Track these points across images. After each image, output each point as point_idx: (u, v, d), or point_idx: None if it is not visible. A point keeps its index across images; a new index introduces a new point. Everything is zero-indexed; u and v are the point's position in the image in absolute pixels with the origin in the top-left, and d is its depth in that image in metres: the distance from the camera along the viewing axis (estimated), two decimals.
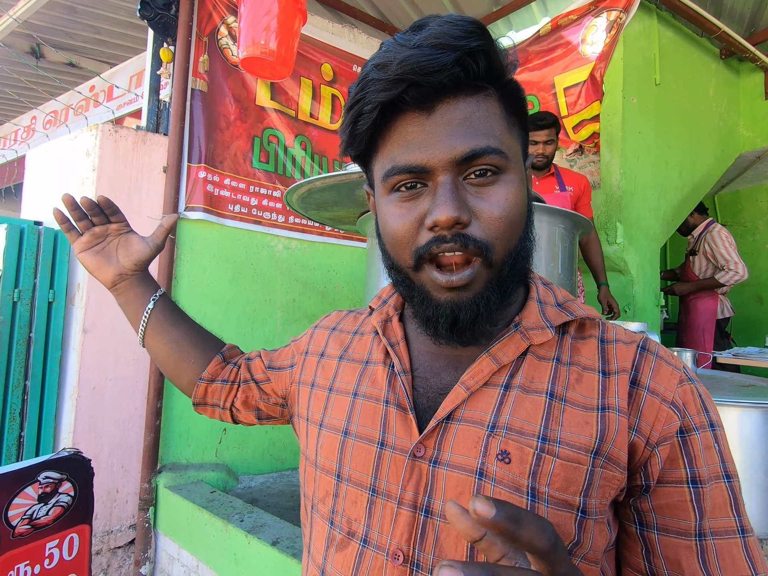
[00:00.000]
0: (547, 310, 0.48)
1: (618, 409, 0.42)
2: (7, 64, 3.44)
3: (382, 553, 0.44)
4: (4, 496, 0.88)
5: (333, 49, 2.49)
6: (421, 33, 0.40)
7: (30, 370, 1.73)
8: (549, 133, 2.01)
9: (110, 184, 1.85)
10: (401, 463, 0.45)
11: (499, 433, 0.43)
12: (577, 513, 0.41)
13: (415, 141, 0.41)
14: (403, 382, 0.48)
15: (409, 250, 0.43)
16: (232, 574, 1.51)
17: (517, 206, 0.43)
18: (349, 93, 0.45)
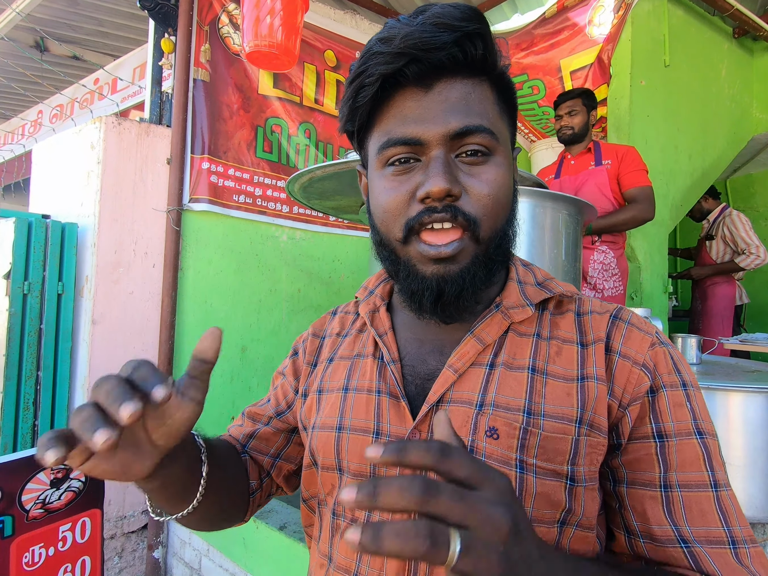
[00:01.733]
0: (527, 289, 0.50)
1: (596, 377, 0.45)
2: (12, 58, 3.45)
3: None
4: (18, 481, 0.91)
5: (336, 36, 2.46)
6: (424, 14, 0.42)
7: (42, 360, 1.77)
8: (572, 104, 1.95)
9: (115, 176, 1.86)
10: None
11: (486, 411, 0.45)
12: (566, 481, 0.42)
13: (412, 115, 0.43)
14: (392, 371, 0.49)
15: (400, 223, 0.44)
16: (242, 557, 1.55)
17: (504, 188, 0.45)
18: (351, 70, 0.46)
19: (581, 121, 1.97)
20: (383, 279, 0.58)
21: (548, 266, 1.30)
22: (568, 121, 1.98)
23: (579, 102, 1.96)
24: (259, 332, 2.18)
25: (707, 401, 0.91)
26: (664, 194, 2.53)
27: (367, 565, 0.46)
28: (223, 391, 2.07)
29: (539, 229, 1.27)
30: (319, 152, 2.41)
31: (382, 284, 0.58)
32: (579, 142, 2.01)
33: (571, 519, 0.43)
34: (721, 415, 0.87)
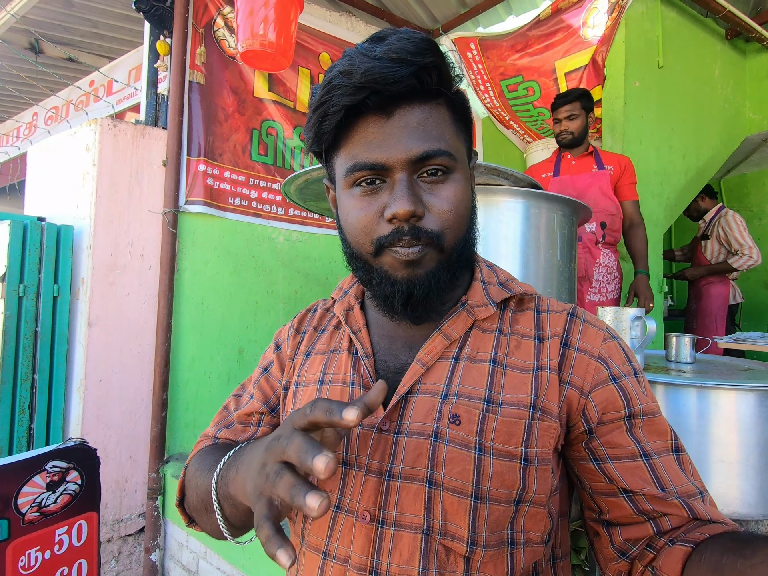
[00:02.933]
0: (490, 289, 0.55)
1: (549, 368, 0.50)
2: (7, 60, 3.44)
3: (352, 515, 0.49)
4: (13, 484, 0.91)
5: (331, 38, 2.46)
6: (380, 45, 0.45)
7: (37, 363, 1.77)
8: (571, 108, 1.94)
9: (110, 178, 1.86)
10: (368, 436, 0.50)
11: (450, 400, 0.49)
12: (520, 462, 0.47)
13: (376, 141, 0.47)
14: (366, 365, 0.53)
15: (370, 239, 0.48)
16: (239, 558, 1.55)
17: (464, 201, 0.49)
18: (312, 94, 0.49)
19: (581, 125, 1.96)
20: (357, 280, 0.62)
21: (543, 267, 1.30)
22: (567, 125, 1.97)
23: (578, 105, 1.95)
24: (256, 333, 2.18)
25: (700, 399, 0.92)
26: (659, 193, 2.55)
27: (336, 542, 0.49)
28: (220, 392, 2.07)
29: (534, 229, 1.27)
30: None
31: (355, 285, 0.62)
32: (580, 144, 2.01)
33: (525, 497, 0.47)
34: (714, 413, 0.88)
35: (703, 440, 0.89)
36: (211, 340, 2.05)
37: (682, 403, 0.91)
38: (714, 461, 0.87)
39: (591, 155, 2.02)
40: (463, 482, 0.46)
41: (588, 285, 1.94)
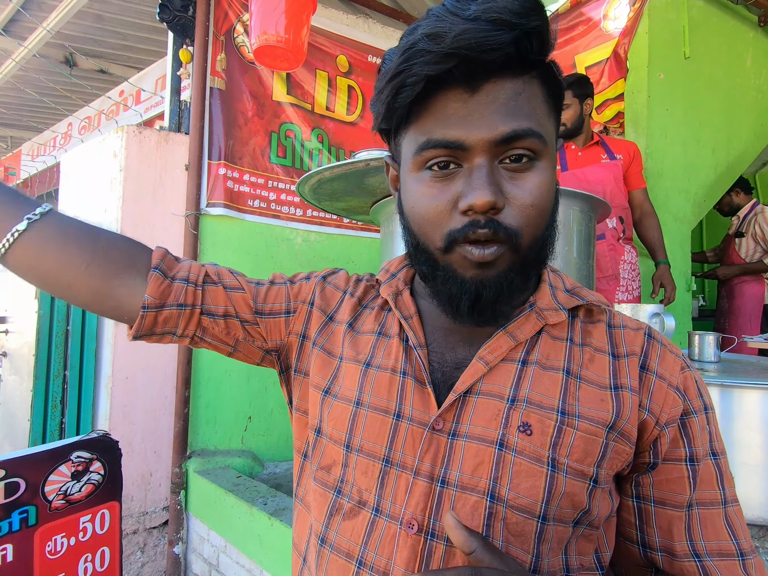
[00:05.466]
0: (558, 294, 0.49)
1: (630, 388, 0.45)
2: (43, 74, 3.63)
3: (395, 523, 0.43)
4: (41, 472, 0.95)
5: (348, 41, 2.49)
6: (476, 2, 0.38)
7: (68, 360, 1.85)
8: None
9: (136, 183, 1.94)
10: (419, 435, 0.44)
11: (519, 406, 0.43)
12: (590, 483, 0.43)
13: (456, 116, 0.40)
14: (419, 355, 0.47)
15: (440, 232, 0.43)
16: (257, 554, 1.58)
17: (548, 194, 0.43)
18: (384, 61, 0.43)
19: (573, 115, 1.88)
20: (405, 264, 0.56)
21: (559, 264, 1.28)
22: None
23: (569, 94, 1.85)
24: None
25: (725, 399, 0.88)
26: (686, 189, 2.45)
27: (375, 552, 0.44)
28: (239, 391, 2.11)
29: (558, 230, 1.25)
30: (332, 156, 2.44)
31: (405, 269, 0.55)
32: (576, 135, 1.93)
33: (585, 518, 0.43)
34: (737, 413, 0.84)
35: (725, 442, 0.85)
36: None
37: None
38: (737, 464, 0.83)
39: (598, 144, 1.94)
40: (532, 501, 0.41)
41: (616, 283, 1.88)
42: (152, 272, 0.52)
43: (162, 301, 0.52)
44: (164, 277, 0.53)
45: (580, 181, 1.90)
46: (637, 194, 1.95)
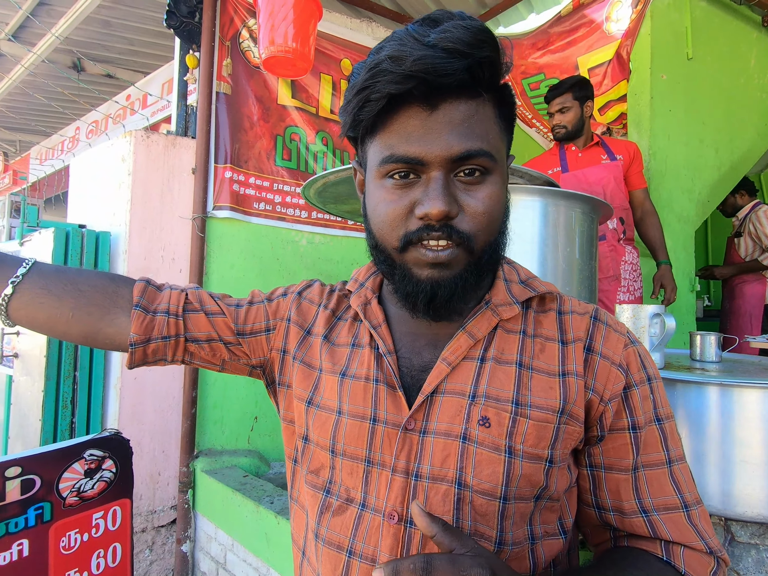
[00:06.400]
0: (513, 287, 0.54)
1: (576, 374, 0.50)
2: (52, 79, 3.68)
3: (379, 515, 0.49)
4: (56, 469, 0.98)
5: (352, 44, 2.51)
6: (435, 30, 0.42)
7: (78, 361, 1.88)
8: (562, 101, 1.89)
9: (144, 186, 1.97)
10: (394, 435, 0.49)
11: (479, 402, 0.48)
12: (545, 463, 0.48)
13: (416, 134, 0.44)
14: (389, 362, 0.52)
15: (397, 234, 0.47)
16: (264, 552, 1.60)
17: (498, 204, 0.48)
18: (352, 75, 0.47)
19: (574, 117, 1.90)
20: (373, 272, 0.60)
21: (562, 265, 1.29)
22: (560, 119, 1.90)
23: (569, 97, 1.88)
24: None
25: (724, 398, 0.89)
26: (689, 189, 2.46)
27: (363, 542, 0.49)
28: (246, 392, 2.14)
29: (552, 227, 1.27)
30: (337, 159, 2.46)
31: (372, 277, 0.60)
32: (577, 136, 1.95)
33: (544, 494, 0.48)
34: (738, 412, 0.85)
35: (726, 441, 0.86)
36: None
37: (705, 402, 0.89)
38: (737, 462, 0.84)
39: (598, 145, 1.95)
40: (493, 485, 0.46)
41: (617, 284, 1.89)
42: (134, 310, 0.57)
43: (147, 336, 0.57)
44: (146, 312, 0.57)
45: (580, 182, 1.91)
46: (637, 194, 1.96)
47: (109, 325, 0.57)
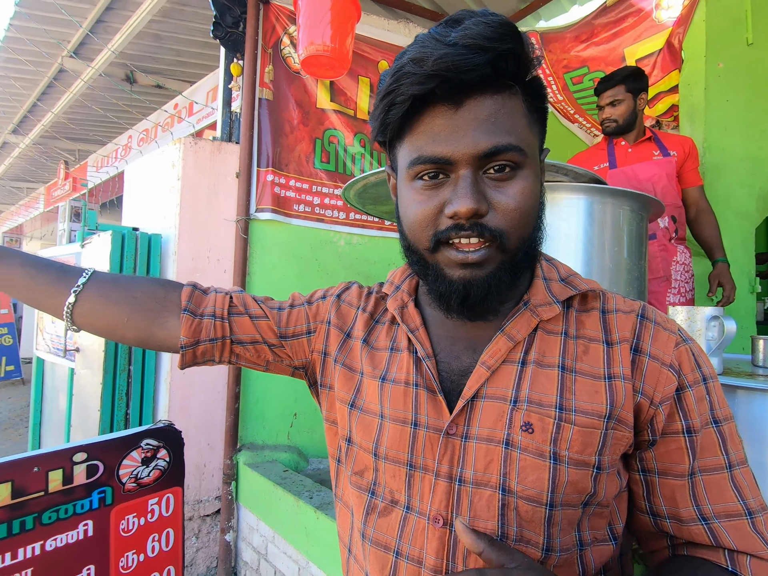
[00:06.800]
0: (552, 286, 0.52)
1: (623, 377, 0.47)
2: (107, 91, 3.93)
3: (424, 518, 0.49)
4: (116, 456, 1.05)
5: (389, 46, 2.53)
6: (456, 29, 0.43)
7: (132, 356, 2.00)
8: (613, 93, 1.80)
9: (192, 191, 2.06)
10: (435, 440, 0.49)
11: (521, 407, 0.47)
12: (593, 470, 0.46)
13: (442, 134, 0.44)
14: (428, 366, 0.51)
15: (427, 234, 0.47)
16: (304, 545, 1.64)
17: (531, 199, 0.46)
18: (380, 82, 0.48)
19: (626, 110, 1.81)
20: (409, 274, 0.60)
21: (609, 265, 1.25)
22: (610, 112, 1.82)
23: (622, 89, 1.79)
24: None
25: None
26: (749, 184, 2.30)
27: (409, 543, 0.49)
28: (286, 389, 2.20)
29: (598, 226, 1.22)
30: (374, 160, 2.48)
31: (407, 279, 0.59)
32: (629, 131, 1.86)
33: (593, 500, 0.47)
34: None
35: None
36: None
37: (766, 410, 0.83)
38: None
39: (650, 140, 1.86)
40: (538, 491, 0.45)
41: (667, 285, 1.80)
42: (182, 314, 0.60)
43: (195, 338, 0.60)
44: (193, 316, 0.61)
45: (629, 179, 1.83)
46: (692, 192, 1.86)
47: (160, 329, 0.61)
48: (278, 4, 2.24)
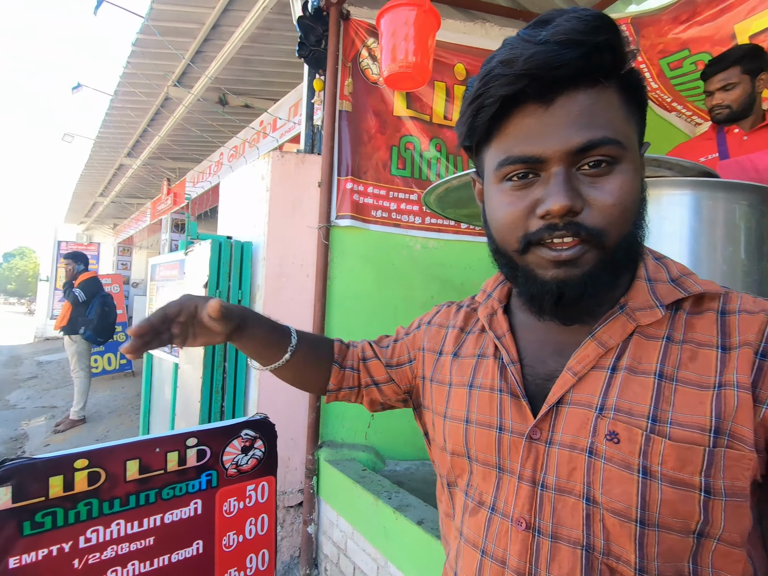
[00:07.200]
0: (658, 288, 0.48)
1: (737, 385, 0.41)
2: (203, 114, 4.35)
3: (507, 519, 0.49)
4: (221, 443, 1.15)
5: (465, 48, 2.51)
6: (545, 28, 0.42)
7: (227, 353, 2.18)
8: (725, 77, 1.60)
9: (278, 201, 2.21)
10: (519, 444, 0.49)
11: (607, 415, 0.45)
12: (699, 493, 0.41)
13: (533, 132, 0.43)
14: (512, 372, 0.51)
15: (516, 236, 0.46)
16: (383, 544, 1.67)
17: (631, 194, 0.44)
18: (468, 88, 0.48)
19: (742, 94, 1.60)
20: (500, 281, 0.60)
21: (722, 267, 1.12)
22: (722, 98, 1.62)
23: (737, 71, 1.58)
24: None
25: None
26: None
27: (493, 543, 0.50)
28: None
29: (707, 224, 1.11)
30: (450, 164, 2.48)
31: (499, 287, 0.60)
32: (744, 117, 1.63)
33: (709, 531, 0.41)
34: None
35: None
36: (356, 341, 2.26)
37: None
38: None
39: None
40: (626, 505, 0.42)
41: None
42: (333, 365, 0.72)
43: (338, 386, 0.72)
44: (340, 368, 0.72)
45: (745, 170, 1.62)
46: None
47: (316, 375, 0.72)
48: (357, 19, 2.33)
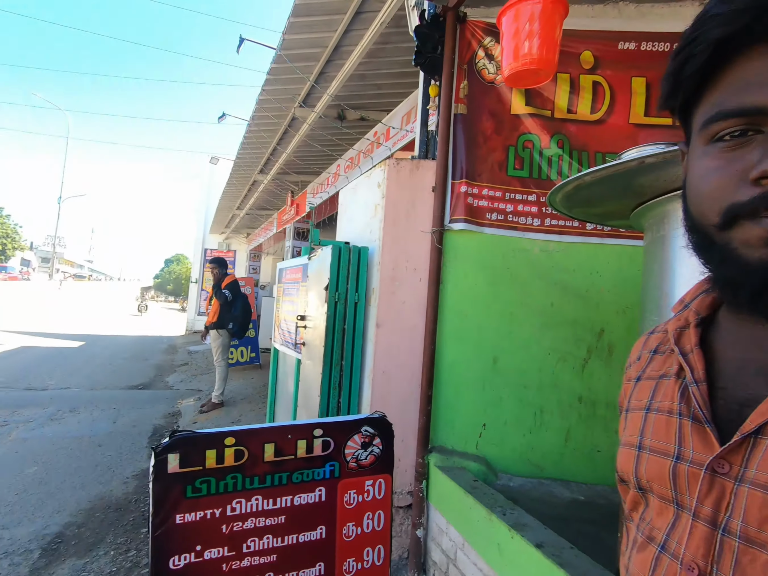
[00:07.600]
0: None
1: None
2: (324, 130, 4.71)
3: (677, 561, 0.43)
4: (343, 437, 1.21)
5: (593, 33, 2.31)
6: None
7: (344, 353, 2.31)
8: None
9: (394, 207, 2.28)
10: (698, 476, 0.42)
11: None
12: None
13: (758, 79, 0.35)
14: (694, 392, 0.44)
15: (718, 206, 0.38)
16: (497, 562, 1.59)
17: None
18: (673, 51, 0.41)
19: None
20: (702, 291, 0.51)
21: None
22: None
23: None
24: (511, 344, 2.21)
25: None
26: None
27: None
28: (475, 397, 2.19)
29: None
30: (573, 160, 2.29)
31: (700, 297, 0.51)
32: None
33: None
34: None
35: None
36: (469, 347, 2.21)
37: None
38: None
39: None
40: None
41: None
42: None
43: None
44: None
45: None
46: None
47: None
48: (474, 20, 2.30)
